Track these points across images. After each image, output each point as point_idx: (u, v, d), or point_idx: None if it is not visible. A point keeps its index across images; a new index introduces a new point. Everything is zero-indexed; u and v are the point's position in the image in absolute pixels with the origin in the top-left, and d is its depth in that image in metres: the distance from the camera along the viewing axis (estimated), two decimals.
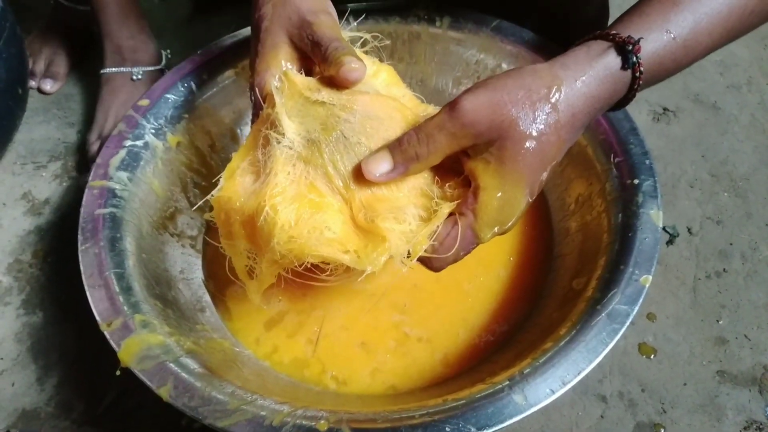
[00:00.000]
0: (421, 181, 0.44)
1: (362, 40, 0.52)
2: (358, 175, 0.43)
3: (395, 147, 0.42)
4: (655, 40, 0.44)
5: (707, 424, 0.62)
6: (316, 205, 0.43)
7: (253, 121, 0.49)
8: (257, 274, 0.48)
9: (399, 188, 0.43)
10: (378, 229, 0.42)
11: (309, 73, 0.49)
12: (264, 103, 0.47)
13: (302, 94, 0.46)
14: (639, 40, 0.43)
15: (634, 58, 0.43)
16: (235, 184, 0.46)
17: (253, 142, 0.47)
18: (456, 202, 0.43)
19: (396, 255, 0.42)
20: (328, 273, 0.45)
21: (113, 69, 0.84)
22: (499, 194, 0.41)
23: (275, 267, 0.45)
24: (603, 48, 0.43)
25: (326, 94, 0.45)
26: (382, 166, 0.42)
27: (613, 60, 0.43)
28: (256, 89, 0.48)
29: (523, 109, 0.40)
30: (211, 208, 0.48)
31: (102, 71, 0.84)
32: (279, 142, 0.44)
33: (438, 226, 0.43)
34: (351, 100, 0.44)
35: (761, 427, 0.62)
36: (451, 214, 0.43)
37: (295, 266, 0.44)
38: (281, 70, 0.47)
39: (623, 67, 0.43)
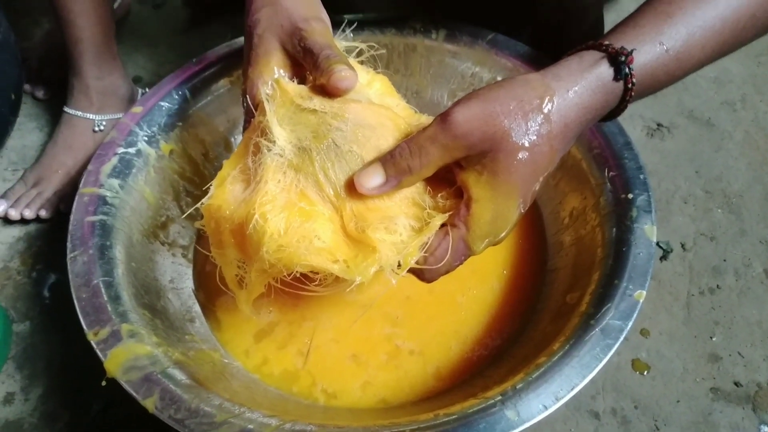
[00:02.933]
0: (413, 191, 0.43)
1: (358, 50, 0.52)
2: (350, 186, 0.42)
3: (387, 160, 0.42)
4: (647, 52, 0.44)
5: None
6: (306, 213, 0.42)
7: (245, 129, 0.49)
8: (246, 283, 0.48)
9: (390, 198, 0.43)
10: (368, 239, 0.42)
11: (302, 80, 0.49)
12: (256, 110, 0.47)
13: (294, 102, 0.45)
14: (632, 52, 0.43)
15: (627, 69, 0.42)
16: (225, 192, 0.45)
17: (245, 150, 0.46)
18: (448, 214, 0.43)
19: (386, 266, 0.42)
20: (317, 283, 0.44)
21: (78, 112, 0.78)
22: (492, 206, 0.41)
23: (264, 276, 0.45)
24: (595, 58, 0.43)
25: (318, 102, 0.45)
26: (374, 179, 0.41)
27: (605, 70, 0.43)
28: (248, 97, 0.48)
29: (516, 120, 0.40)
30: (202, 217, 0.48)
31: (65, 109, 0.79)
32: (270, 150, 0.44)
33: (429, 238, 0.42)
34: (343, 109, 0.44)
35: None
36: (443, 225, 0.43)
37: (285, 276, 0.44)
38: (273, 78, 0.47)
39: (615, 78, 0.43)
